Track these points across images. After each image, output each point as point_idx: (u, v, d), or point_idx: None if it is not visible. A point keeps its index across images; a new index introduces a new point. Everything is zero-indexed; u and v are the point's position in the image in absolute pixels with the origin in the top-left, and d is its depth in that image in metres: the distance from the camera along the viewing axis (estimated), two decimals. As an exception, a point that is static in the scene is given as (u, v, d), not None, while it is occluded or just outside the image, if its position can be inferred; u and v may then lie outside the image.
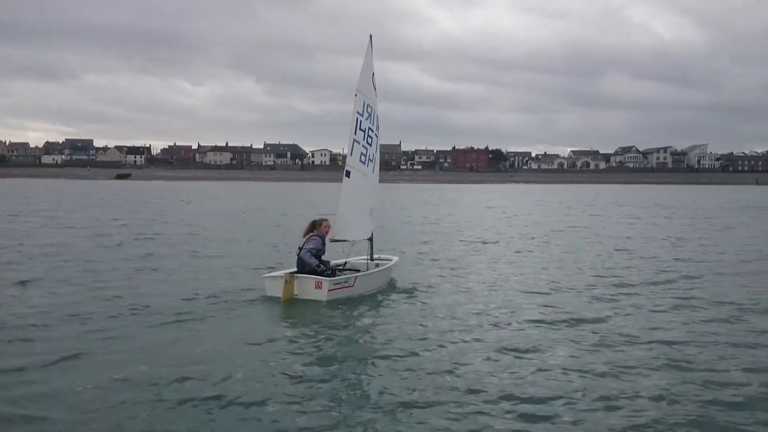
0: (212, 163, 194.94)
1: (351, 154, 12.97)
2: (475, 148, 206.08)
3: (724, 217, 37.31)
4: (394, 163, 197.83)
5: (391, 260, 14.29)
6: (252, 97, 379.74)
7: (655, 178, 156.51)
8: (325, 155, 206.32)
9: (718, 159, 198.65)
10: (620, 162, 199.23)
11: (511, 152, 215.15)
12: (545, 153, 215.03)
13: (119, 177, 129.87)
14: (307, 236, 12.55)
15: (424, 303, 12.12)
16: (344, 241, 13.17)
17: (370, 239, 13.85)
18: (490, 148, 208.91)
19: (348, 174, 12.93)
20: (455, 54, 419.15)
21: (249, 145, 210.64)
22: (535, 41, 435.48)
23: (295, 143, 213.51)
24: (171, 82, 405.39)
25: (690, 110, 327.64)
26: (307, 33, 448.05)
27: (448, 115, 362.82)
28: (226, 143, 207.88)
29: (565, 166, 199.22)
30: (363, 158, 13.09)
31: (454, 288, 13.67)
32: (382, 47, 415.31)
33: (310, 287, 11.91)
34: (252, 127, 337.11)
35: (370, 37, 13.23)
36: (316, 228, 12.68)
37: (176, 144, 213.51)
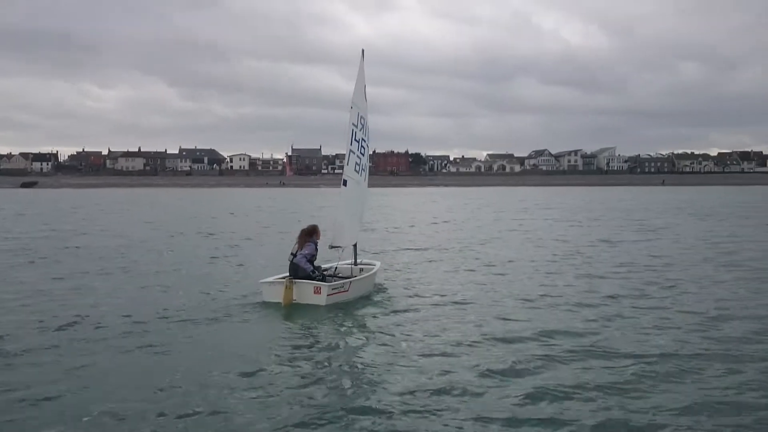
0: (124, 169, 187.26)
1: (347, 164, 13.34)
2: (396, 152, 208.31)
3: (667, 217, 39.08)
4: (315, 168, 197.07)
5: (374, 265, 14.60)
6: (165, 101, 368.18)
7: (568, 180, 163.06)
8: (243, 160, 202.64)
9: (626, 161, 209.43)
10: (534, 165, 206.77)
11: (431, 156, 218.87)
12: (463, 156, 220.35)
13: (25, 185, 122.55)
14: (302, 242, 12.72)
15: (411, 307, 12.26)
16: (339, 247, 13.57)
17: (354, 245, 14.30)
18: (410, 152, 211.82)
19: (345, 183, 13.41)
20: (372, 58, 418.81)
21: (163, 150, 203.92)
22: (450, 46, 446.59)
23: (213, 148, 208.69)
24: (78, 85, 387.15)
25: (598, 114, 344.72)
26: (221, 35, 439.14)
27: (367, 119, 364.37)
28: (139, 148, 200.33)
29: (483, 170, 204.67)
30: (357, 167, 13.53)
31: (434, 294, 13.72)
32: (298, 51, 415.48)
33: (309, 292, 12.18)
34: (166, 131, 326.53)
35: (362, 51, 13.56)
36: (313, 234, 12.90)
37: (85, 150, 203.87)
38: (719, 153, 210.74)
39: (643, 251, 20.80)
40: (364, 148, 13.43)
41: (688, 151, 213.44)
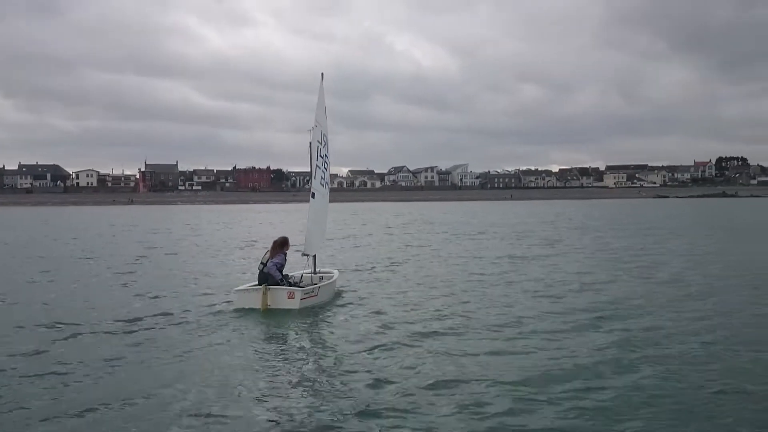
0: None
1: (314, 178, 14.26)
2: (257, 167, 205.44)
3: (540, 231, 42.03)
4: (171, 184, 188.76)
5: (332, 273, 15.57)
6: (1, 114, 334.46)
7: (426, 196, 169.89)
8: (91, 176, 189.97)
9: (477, 177, 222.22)
10: (394, 181, 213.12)
11: (293, 172, 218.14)
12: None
13: None
14: (274, 252, 13.47)
15: (372, 311, 13.24)
16: (308, 255, 14.78)
17: (314, 255, 15.15)
18: (271, 168, 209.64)
19: (313, 195, 14.44)
20: (228, 73, 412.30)
21: (1, 166, 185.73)
22: (305, 62, 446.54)
23: (56, 164, 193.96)
24: None
25: (449, 132, 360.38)
26: (65, 45, 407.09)
27: (225, 135, 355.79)
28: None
29: (345, 185, 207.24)
30: (323, 182, 14.52)
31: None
32: (149, 64, 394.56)
33: (282, 297, 13.07)
34: (2, 146, 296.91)
35: (322, 75, 14.80)
36: (284, 246, 13.66)
37: None
38: (560, 169, 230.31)
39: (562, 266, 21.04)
40: (327, 164, 14.33)
41: (533, 168, 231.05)
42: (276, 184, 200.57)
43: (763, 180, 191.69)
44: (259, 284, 13.23)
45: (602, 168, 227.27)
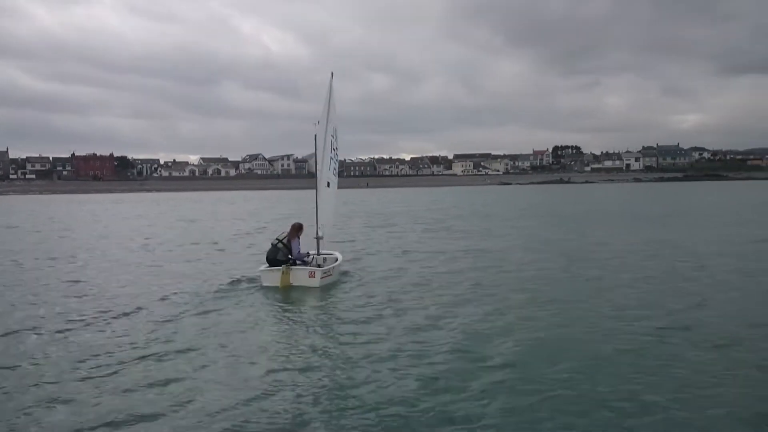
0: None
1: (329, 169, 15.86)
2: (99, 154, 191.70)
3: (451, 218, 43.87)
4: (2, 173, 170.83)
5: (335, 254, 16.82)
6: None
7: (283, 184, 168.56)
8: None
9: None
10: (249, 169, 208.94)
11: (138, 159, 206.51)
12: (174, 160, 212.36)
13: None
14: (293, 234, 15.06)
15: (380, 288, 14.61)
16: (322, 238, 16.28)
17: (321, 237, 16.49)
18: (115, 155, 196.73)
19: (328, 185, 16.29)
20: (59, 53, 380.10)
21: None
22: (145, 44, 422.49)
23: None
24: None
25: (302, 120, 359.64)
26: None
27: (59, 120, 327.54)
28: None
29: (197, 173, 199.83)
30: (335, 171, 16.10)
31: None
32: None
33: (304, 276, 14.58)
34: None
35: (332, 74, 15.99)
36: (300, 231, 15.31)
37: None
38: (412, 158, 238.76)
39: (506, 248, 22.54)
40: (337, 155, 15.91)
41: (386, 156, 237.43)
42: (121, 173, 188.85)
43: (596, 167, 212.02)
44: (270, 258, 14.81)
45: (450, 157, 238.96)
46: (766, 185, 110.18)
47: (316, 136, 15.41)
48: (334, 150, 15.74)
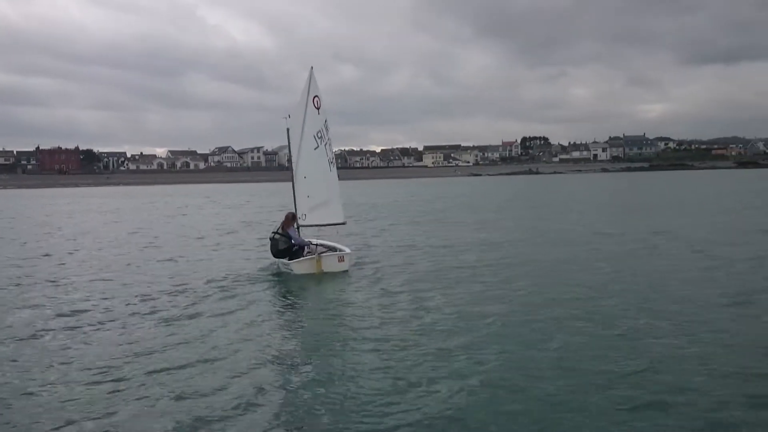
0: None
1: (327, 154, 16.36)
2: (64, 148, 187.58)
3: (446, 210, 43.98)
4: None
5: (334, 244, 17.25)
6: None
7: (254, 177, 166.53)
8: None
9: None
10: (218, 162, 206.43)
11: (104, 153, 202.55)
12: (142, 153, 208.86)
13: None
14: (287, 223, 15.77)
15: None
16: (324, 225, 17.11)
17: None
18: (80, 148, 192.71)
19: (330, 166, 16.76)
20: (19, 44, 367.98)
21: None
22: (108, 35, 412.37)
23: None
24: None
25: (270, 112, 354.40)
26: None
27: (22, 112, 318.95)
28: None
29: (165, 167, 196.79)
30: (331, 160, 16.58)
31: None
32: None
33: (334, 262, 15.59)
34: None
35: (311, 68, 16.94)
36: (294, 220, 16.14)
37: None
38: (382, 149, 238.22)
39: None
40: (331, 146, 16.76)
41: (356, 148, 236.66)
42: (87, 166, 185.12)
43: (564, 158, 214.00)
44: (272, 250, 15.86)
45: (420, 148, 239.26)
46: (730, 174, 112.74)
47: (288, 129, 16.13)
48: (328, 139, 16.21)
